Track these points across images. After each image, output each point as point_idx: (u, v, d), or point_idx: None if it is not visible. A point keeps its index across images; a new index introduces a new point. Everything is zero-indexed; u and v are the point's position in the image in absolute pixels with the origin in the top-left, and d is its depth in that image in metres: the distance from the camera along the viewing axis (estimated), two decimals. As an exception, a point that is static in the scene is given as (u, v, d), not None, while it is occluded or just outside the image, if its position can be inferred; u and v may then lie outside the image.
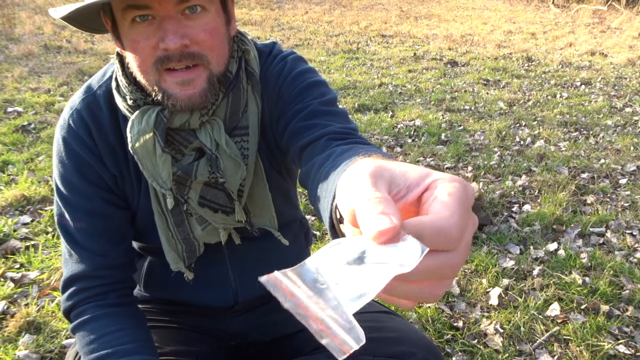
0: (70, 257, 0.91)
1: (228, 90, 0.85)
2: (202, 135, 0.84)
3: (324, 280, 0.35)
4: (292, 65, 0.92)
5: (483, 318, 1.79)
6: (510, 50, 6.76)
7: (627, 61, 6.03)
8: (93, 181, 0.88)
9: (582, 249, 2.24)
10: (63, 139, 0.88)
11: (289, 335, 1.08)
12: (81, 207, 0.88)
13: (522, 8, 11.33)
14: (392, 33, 7.90)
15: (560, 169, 3.07)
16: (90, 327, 0.88)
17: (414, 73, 5.49)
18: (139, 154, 0.83)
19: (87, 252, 0.89)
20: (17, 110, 3.80)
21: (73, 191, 0.88)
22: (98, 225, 0.89)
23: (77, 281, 0.90)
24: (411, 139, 3.56)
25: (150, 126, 0.81)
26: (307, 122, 0.82)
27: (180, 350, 0.96)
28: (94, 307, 0.90)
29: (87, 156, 0.87)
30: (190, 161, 0.86)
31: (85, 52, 5.75)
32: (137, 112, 0.82)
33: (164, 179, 0.85)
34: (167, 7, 0.73)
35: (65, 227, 0.90)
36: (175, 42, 0.73)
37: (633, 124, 3.96)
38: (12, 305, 1.77)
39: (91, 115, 0.87)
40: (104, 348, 0.85)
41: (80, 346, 0.88)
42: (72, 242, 0.89)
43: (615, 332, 1.73)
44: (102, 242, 0.90)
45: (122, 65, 0.84)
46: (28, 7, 8.49)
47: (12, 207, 2.42)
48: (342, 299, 0.34)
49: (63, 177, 0.88)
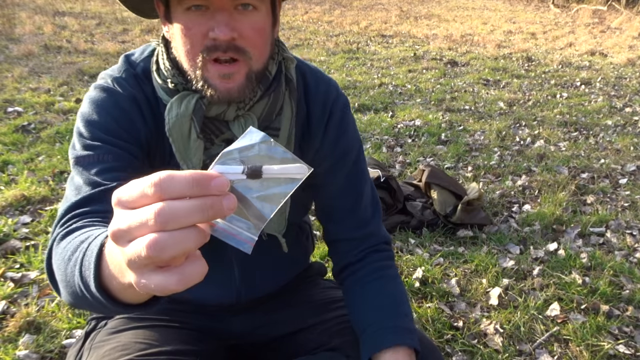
0: (79, 191, 0.80)
1: (269, 90, 0.89)
2: (235, 128, 0.87)
3: None
4: (347, 116, 1.02)
5: (483, 318, 1.79)
6: (510, 50, 6.76)
7: (627, 61, 6.03)
8: (130, 131, 0.86)
9: (582, 249, 2.24)
10: (106, 91, 0.87)
11: (289, 334, 1.08)
12: (110, 144, 0.84)
13: (522, 8, 11.33)
14: (392, 33, 7.90)
15: (560, 169, 3.07)
16: (79, 233, 0.71)
17: (414, 73, 5.49)
18: (174, 137, 0.84)
19: (105, 184, 0.80)
20: (17, 110, 3.80)
21: (106, 132, 0.84)
22: (121, 167, 0.83)
23: (88, 204, 0.79)
24: (411, 139, 3.56)
25: (189, 111, 0.83)
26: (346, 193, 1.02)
27: (181, 349, 0.96)
28: (91, 224, 0.75)
29: (132, 110, 0.86)
30: (219, 151, 0.87)
31: (85, 52, 5.75)
32: (176, 96, 0.84)
33: (194, 164, 0.86)
34: (223, 0, 0.76)
35: (83, 165, 0.82)
36: (225, 33, 0.76)
37: (633, 124, 3.96)
38: (12, 305, 1.77)
39: (137, 85, 0.88)
40: (84, 239, 0.67)
41: (60, 249, 0.70)
42: (88, 177, 0.81)
43: (615, 332, 1.73)
44: (123, 179, 0.80)
45: (166, 49, 0.87)
46: (28, 7, 8.49)
47: (12, 207, 2.42)
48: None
49: (93, 122, 0.84)
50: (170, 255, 0.40)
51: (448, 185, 2.47)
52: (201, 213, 0.40)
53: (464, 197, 2.42)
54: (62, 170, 2.82)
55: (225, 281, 1.03)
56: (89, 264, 0.58)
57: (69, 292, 0.67)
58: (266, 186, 0.43)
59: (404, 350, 0.92)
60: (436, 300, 1.87)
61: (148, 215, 0.40)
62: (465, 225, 2.36)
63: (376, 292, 0.99)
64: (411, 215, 2.39)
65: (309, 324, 1.07)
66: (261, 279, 1.07)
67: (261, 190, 0.43)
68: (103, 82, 0.90)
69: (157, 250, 0.39)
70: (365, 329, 0.96)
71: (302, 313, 1.09)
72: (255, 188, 0.43)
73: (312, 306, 1.11)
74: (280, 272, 1.11)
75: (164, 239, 0.39)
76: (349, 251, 1.04)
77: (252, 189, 0.43)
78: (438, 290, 1.92)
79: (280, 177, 0.43)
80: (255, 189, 0.43)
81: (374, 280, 1.00)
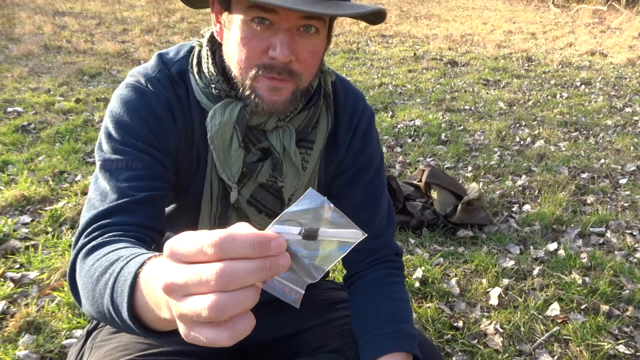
0: (104, 198, 0.79)
1: (309, 104, 0.90)
2: (273, 138, 0.87)
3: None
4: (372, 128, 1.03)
5: (483, 318, 1.79)
6: (510, 50, 6.76)
7: (627, 61, 6.03)
8: (160, 136, 0.84)
9: (582, 249, 2.24)
10: (138, 91, 0.84)
11: (290, 335, 1.08)
12: (139, 149, 0.82)
13: (522, 8, 11.33)
14: (392, 33, 7.90)
15: (560, 169, 3.07)
16: (107, 247, 0.72)
17: (414, 73, 5.49)
18: (215, 144, 0.84)
19: (133, 192, 0.79)
20: (17, 110, 3.80)
21: (135, 137, 0.82)
22: (153, 167, 0.83)
23: (114, 215, 0.78)
24: (411, 139, 3.56)
25: (233, 119, 0.83)
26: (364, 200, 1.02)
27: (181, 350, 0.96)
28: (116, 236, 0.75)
29: (164, 114, 0.84)
30: (254, 160, 0.89)
31: (85, 52, 5.75)
32: (220, 103, 0.83)
33: (233, 172, 0.87)
34: (290, 19, 0.75)
35: (110, 170, 0.81)
36: (286, 55, 0.76)
37: (633, 124, 3.96)
38: (12, 305, 1.76)
39: (171, 87, 0.86)
40: (121, 255, 0.67)
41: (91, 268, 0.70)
42: (115, 184, 0.79)
43: (615, 332, 1.73)
44: (151, 189, 0.81)
45: (212, 53, 0.85)
46: (28, 7, 8.49)
47: (12, 207, 2.42)
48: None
49: (124, 123, 0.82)
50: (230, 315, 0.41)
51: (448, 185, 2.47)
52: (260, 273, 0.41)
53: (464, 197, 2.42)
54: (62, 171, 2.82)
55: None
56: (121, 291, 0.57)
57: (95, 310, 0.67)
58: (319, 247, 0.46)
59: (402, 356, 0.91)
60: (436, 300, 1.87)
61: (209, 275, 0.40)
62: (465, 225, 2.36)
63: (379, 297, 0.99)
64: (411, 215, 2.39)
65: (310, 325, 1.07)
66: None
67: (314, 251, 0.46)
68: (135, 80, 0.86)
69: (219, 312, 0.40)
70: (365, 334, 0.96)
71: (303, 314, 1.09)
72: (309, 248, 0.46)
73: (313, 307, 1.11)
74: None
75: (226, 300, 0.40)
76: (360, 261, 1.04)
77: (305, 249, 0.46)
78: (438, 290, 1.92)
79: (334, 240, 0.46)
80: (309, 249, 0.46)
81: (379, 287, 1.01)
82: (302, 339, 1.06)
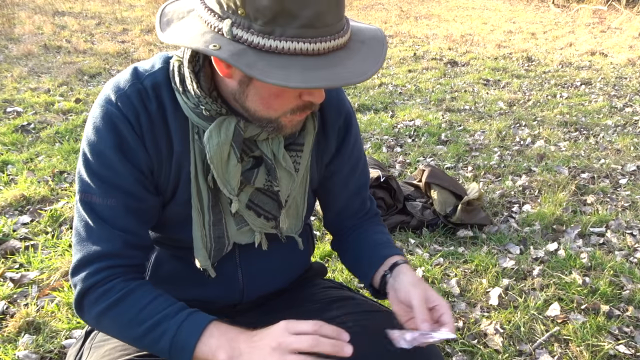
0: (91, 236, 0.86)
1: None
2: (264, 147, 0.88)
3: None
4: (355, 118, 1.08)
5: (483, 318, 1.79)
6: (510, 50, 6.76)
7: (627, 61, 6.03)
8: (131, 160, 0.85)
9: (582, 249, 2.24)
10: (107, 116, 0.83)
11: (289, 335, 1.08)
12: (115, 184, 0.85)
13: (522, 8, 11.33)
14: (392, 33, 7.89)
15: (560, 169, 3.07)
16: (131, 301, 0.84)
17: (414, 73, 5.49)
18: (215, 163, 0.85)
19: (116, 230, 0.86)
20: (16, 110, 3.80)
21: (109, 168, 0.84)
22: (130, 204, 0.86)
23: (101, 260, 0.85)
24: (411, 139, 3.56)
25: (229, 138, 0.83)
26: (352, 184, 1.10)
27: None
28: (124, 281, 0.86)
29: (131, 138, 0.84)
30: (249, 167, 0.91)
31: (85, 52, 5.75)
32: (214, 124, 0.82)
33: (233, 185, 0.88)
34: None
35: (90, 204, 0.86)
36: (322, 98, 0.79)
37: (633, 124, 3.96)
38: (12, 306, 1.76)
39: (141, 104, 0.85)
40: (153, 315, 0.83)
41: (121, 324, 0.84)
42: (98, 219, 0.85)
43: (615, 332, 1.73)
44: (132, 221, 0.87)
45: (195, 75, 0.82)
46: (28, 7, 8.49)
47: (11, 207, 2.42)
48: None
49: (99, 152, 0.84)
50: None
51: (448, 185, 2.46)
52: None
53: (464, 197, 2.42)
54: (61, 170, 2.82)
55: (229, 281, 1.03)
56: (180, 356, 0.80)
57: (124, 341, 0.88)
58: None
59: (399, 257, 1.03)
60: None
61: None
62: (465, 225, 2.36)
63: (370, 232, 1.12)
64: (411, 215, 2.39)
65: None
66: (264, 280, 1.08)
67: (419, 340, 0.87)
68: (106, 98, 0.86)
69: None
70: (364, 253, 1.08)
71: (302, 313, 1.09)
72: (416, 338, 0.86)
73: (312, 306, 1.11)
74: (283, 272, 1.12)
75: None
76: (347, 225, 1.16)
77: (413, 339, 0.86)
78: (438, 291, 1.92)
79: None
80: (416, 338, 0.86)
81: (366, 229, 1.13)
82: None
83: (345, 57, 0.73)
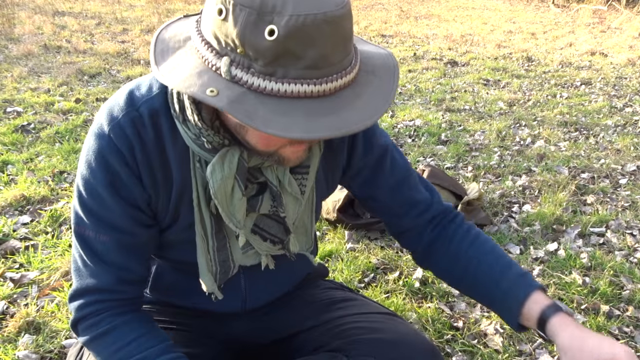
0: (85, 268, 0.87)
1: None
2: (269, 173, 0.86)
3: None
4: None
5: (483, 318, 1.79)
6: (510, 50, 6.76)
7: (627, 61, 6.03)
8: (125, 198, 0.83)
9: (582, 249, 2.24)
10: (99, 151, 0.81)
11: (291, 335, 1.08)
12: (107, 221, 0.84)
13: (522, 8, 11.33)
14: (392, 33, 7.89)
15: (560, 169, 3.07)
16: (113, 337, 0.86)
17: (414, 73, 5.49)
18: (219, 198, 0.82)
19: (107, 266, 0.86)
20: (16, 110, 3.79)
21: (101, 204, 0.83)
22: (123, 240, 0.86)
23: (93, 293, 0.87)
24: (411, 139, 3.56)
25: (233, 172, 0.80)
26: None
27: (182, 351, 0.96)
28: (111, 316, 0.88)
29: (124, 174, 0.81)
30: (253, 194, 0.88)
31: (85, 52, 5.75)
32: (217, 157, 0.79)
33: (239, 218, 0.86)
34: None
35: (83, 237, 0.85)
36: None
37: (633, 124, 3.96)
38: (12, 306, 1.76)
39: (135, 133, 0.81)
40: (133, 355, 0.84)
41: (103, 357, 0.87)
42: (90, 254, 0.86)
43: (615, 332, 1.73)
44: (124, 257, 0.87)
45: (196, 106, 0.78)
46: (28, 7, 8.48)
47: (11, 207, 2.42)
48: None
49: (91, 188, 0.82)
50: None
51: (448, 185, 2.46)
52: None
53: (464, 197, 2.42)
54: (61, 171, 2.82)
55: (232, 290, 1.02)
56: None
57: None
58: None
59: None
60: (436, 300, 1.87)
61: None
62: (465, 225, 2.35)
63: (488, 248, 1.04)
64: (411, 215, 2.39)
65: (310, 325, 1.07)
66: (267, 288, 1.07)
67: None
68: (99, 131, 0.82)
69: None
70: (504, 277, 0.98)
71: (304, 314, 1.09)
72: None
73: (314, 307, 1.11)
74: (286, 279, 1.11)
75: None
76: (420, 237, 1.08)
77: None
78: (438, 290, 1.92)
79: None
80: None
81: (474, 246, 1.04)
82: (302, 339, 1.06)
83: (353, 97, 0.67)
